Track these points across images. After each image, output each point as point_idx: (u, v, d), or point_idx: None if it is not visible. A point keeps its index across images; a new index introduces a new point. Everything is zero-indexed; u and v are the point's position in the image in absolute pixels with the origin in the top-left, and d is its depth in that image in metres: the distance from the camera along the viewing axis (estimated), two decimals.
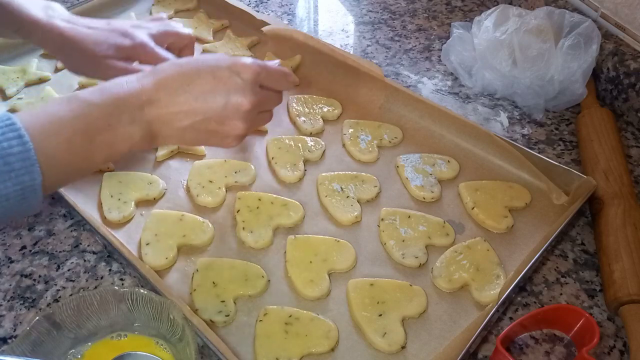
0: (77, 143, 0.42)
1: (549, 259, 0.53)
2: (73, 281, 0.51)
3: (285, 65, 0.75)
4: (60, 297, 0.50)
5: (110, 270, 0.52)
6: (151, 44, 0.59)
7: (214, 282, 0.49)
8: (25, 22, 0.57)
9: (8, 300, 0.50)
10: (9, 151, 0.38)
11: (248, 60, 0.50)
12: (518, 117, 0.69)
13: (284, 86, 0.54)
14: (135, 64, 0.59)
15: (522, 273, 0.47)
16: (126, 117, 0.45)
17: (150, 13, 0.87)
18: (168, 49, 0.62)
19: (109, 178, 0.59)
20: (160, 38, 0.61)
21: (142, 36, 0.59)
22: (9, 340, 0.47)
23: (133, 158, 0.62)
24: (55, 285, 0.51)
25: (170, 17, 0.87)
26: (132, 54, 0.58)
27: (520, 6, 0.76)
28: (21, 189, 0.39)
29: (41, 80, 0.74)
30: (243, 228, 0.54)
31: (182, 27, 0.65)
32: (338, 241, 0.53)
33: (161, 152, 0.63)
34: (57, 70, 0.76)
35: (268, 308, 0.47)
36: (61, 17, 0.58)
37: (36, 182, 0.39)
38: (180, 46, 0.64)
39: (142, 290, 0.43)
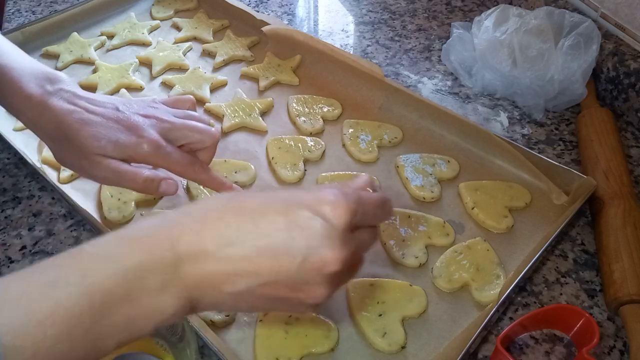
0: (77, 329, 0.28)
1: (549, 259, 0.53)
2: None
3: (285, 66, 0.75)
4: None
5: None
6: (162, 142, 0.47)
7: None
8: (15, 96, 0.45)
9: None
10: None
11: (336, 194, 0.34)
12: (518, 117, 0.69)
13: (382, 220, 0.39)
14: (149, 169, 0.48)
15: (522, 273, 0.47)
16: (154, 280, 0.30)
17: (150, 13, 0.87)
18: (181, 147, 0.50)
19: None
20: (174, 134, 0.49)
21: (151, 133, 0.47)
22: None
23: None
24: None
25: (170, 18, 0.86)
26: (136, 154, 0.46)
27: (520, 6, 0.76)
28: None
29: None
30: None
31: (206, 122, 0.51)
32: None
33: None
34: (57, 69, 0.75)
35: None
36: (61, 95, 0.46)
37: None
38: (200, 147, 0.51)
39: None
